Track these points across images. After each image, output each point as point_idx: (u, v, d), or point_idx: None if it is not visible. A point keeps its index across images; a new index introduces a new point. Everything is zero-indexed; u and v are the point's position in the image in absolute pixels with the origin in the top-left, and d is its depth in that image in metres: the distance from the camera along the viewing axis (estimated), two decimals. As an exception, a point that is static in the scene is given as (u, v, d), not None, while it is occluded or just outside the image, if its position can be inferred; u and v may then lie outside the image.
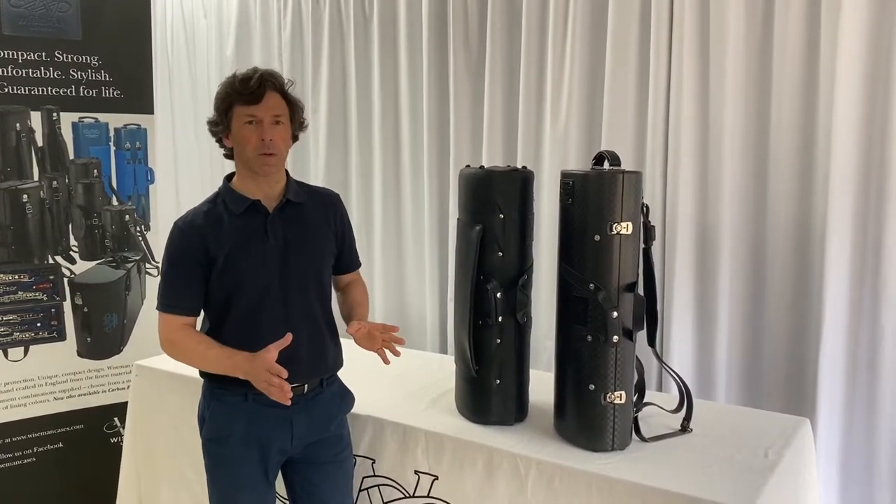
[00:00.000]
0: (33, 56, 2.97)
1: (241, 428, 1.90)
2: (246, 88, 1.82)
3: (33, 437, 3.06)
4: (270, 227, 1.89)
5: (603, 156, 1.96)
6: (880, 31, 2.34)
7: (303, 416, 1.93)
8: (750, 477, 1.75)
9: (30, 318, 3.02)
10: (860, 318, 2.45)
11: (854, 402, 2.48)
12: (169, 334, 1.91)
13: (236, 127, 1.85)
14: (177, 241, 1.88)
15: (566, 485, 1.82)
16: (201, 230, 1.86)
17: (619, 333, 1.87)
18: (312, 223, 1.97)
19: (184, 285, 1.89)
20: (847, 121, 2.38)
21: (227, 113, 1.85)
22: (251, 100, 1.82)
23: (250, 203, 1.89)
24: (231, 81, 1.86)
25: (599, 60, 2.88)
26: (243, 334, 1.87)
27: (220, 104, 1.86)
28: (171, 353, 1.94)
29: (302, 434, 1.95)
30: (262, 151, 1.83)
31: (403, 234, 3.56)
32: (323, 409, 1.99)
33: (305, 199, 1.98)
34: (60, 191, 3.06)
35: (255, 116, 1.83)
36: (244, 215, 1.89)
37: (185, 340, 1.90)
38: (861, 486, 2.49)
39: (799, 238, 2.56)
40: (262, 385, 1.73)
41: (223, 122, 1.87)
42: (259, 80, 1.83)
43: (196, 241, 1.86)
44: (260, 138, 1.83)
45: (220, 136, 1.91)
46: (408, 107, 3.46)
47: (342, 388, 2.09)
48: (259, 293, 1.88)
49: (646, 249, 2.00)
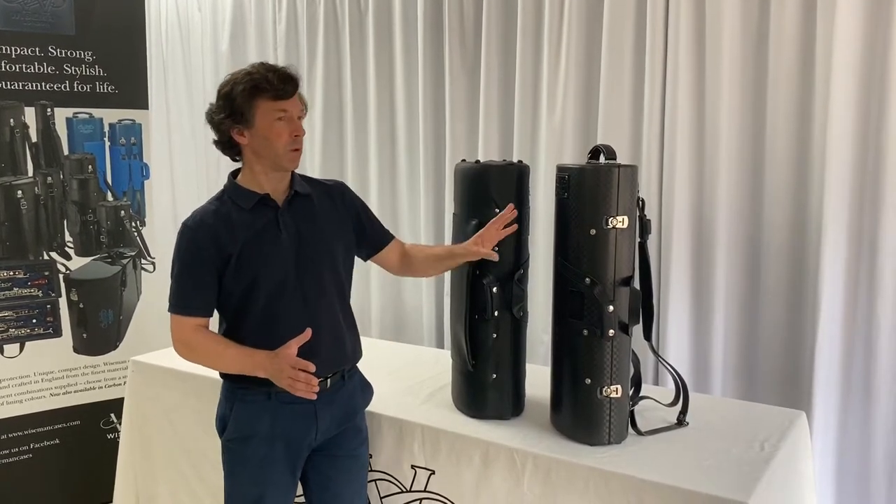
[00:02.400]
0: (27, 51, 2.95)
1: (265, 427, 1.87)
2: (282, 83, 1.80)
3: (30, 434, 3.06)
4: (282, 220, 1.87)
5: (599, 150, 1.96)
6: (877, 21, 2.35)
7: (326, 411, 1.91)
8: (746, 470, 1.76)
9: (25, 314, 3.01)
10: (856, 311, 2.46)
11: (850, 395, 2.48)
12: (183, 336, 1.86)
13: (264, 122, 1.80)
14: (188, 241, 1.84)
15: (562, 478, 1.83)
16: (213, 228, 1.83)
17: (615, 327, 1.87)
18: (322, 213, 1.95)
19: (197, 285, 1.85)
20: (843, 114, 2.38)
21: (252, 107, 1.80)
22: (284, 94, 1.81)
23: (259, 197, 1.87)
24: (260, 76, 1.80)
25: (595, 54, 2.87)
26: (262, 331, 1.85)
27: (246, 98, 1.79)
28: (186, 356, 1.89)
29: (326, 428, 1.93)
30: (294, 147, 1.84)
31: (400, 228, 3.56)
32: (346, 402, 1.97)
33: (311, 190, 1.97)
34: (55, 186, 3.05)
35: (287, 112, 1.82)
36: (254, 210, 1.86)
37: (203, 342, 1.86)
38: (856, 478, 2.50)
39: (795, 232, 2.57)
40: (287, 382, 1.71)
41: (246, 116, 1.80)
42: (290, 76, 1.83)
43: (208, 239, 1.82)
44: (292, 134, 1.83)
45: (232, 129, 1.83)
46: (404, 101, 3.46)
47: (363, 380, 2.07)
48: (276, 287, 1.85)
49: (642, 243, 2.00)
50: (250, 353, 1.80)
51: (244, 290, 1.85)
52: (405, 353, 2.81)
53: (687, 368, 2.69)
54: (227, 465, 1.94)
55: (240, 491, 1.93)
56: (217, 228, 1.83)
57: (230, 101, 1.80)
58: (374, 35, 3.49)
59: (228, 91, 1.81)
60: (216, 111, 1.83)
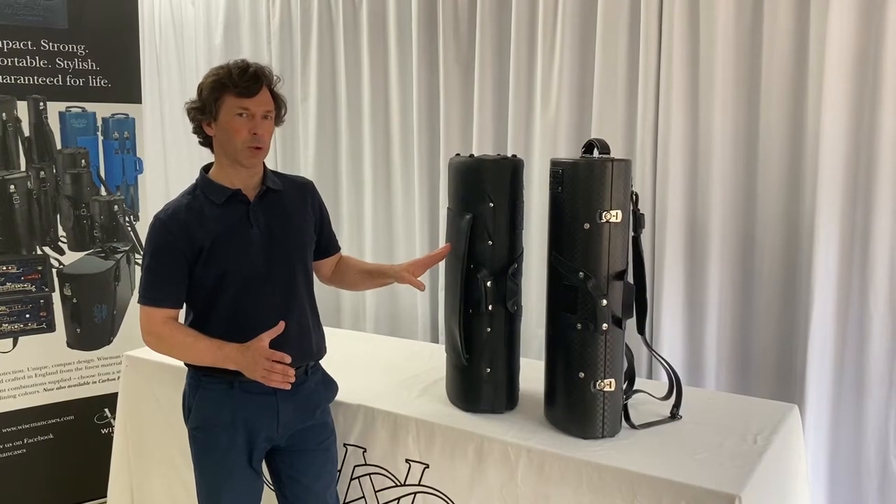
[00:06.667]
0: (19, 45, 2.94)
1: (227, 416, 1.91)
2: (242, 81, 1.83)
3: (24, 429, 3.06)
4: (253, 215, 1.91)
5: (593, 144, 1.96)
6: (869, 20, 2.35)
7: (288, 404, 1.94)
8: (738, 463, 1.77)
9: (18, 309, 3.01)
10: (848, 305, 2.47)
11: (842, 388, 2.50)
12: (153, 328, 1.89)
13: (226, 117, 1.85)
14: (159, 234, 1.87)
15: (556, 472, 1.83)
16: (185, 222, 1.86)
17: (609, 321, 1.88)
18: (292, 209, 1.99)
19: (168, 278, 1.88)
20: (836, 112, 2.39)
21: (217, 102, 1.85)
22: (246, 93, 1.83)
23: (231, 193, 1.90)
24: (226, 72, 1.85)
25: (589, 49, 2.87)
26: (231, 324, 1.88)
27: (211, 92, 1.85)
28: (155, 347, 1.92)
29: (287, 421, 1.96)
30: (252, 144, 1.85)
31: (394, 223, 3.56)
32: (308, 397, 2.00)
33: (282, 186, 2.00)
34: (48, 181, 3.04)
35: (248, 109, 1.84)
36: (225, 205, 1.89)
37: (172, 334, 1.88)
38: (848, 470, 2.51)
39: (788, 226, 2.58)
40: (260, 373, 1.75)
41: (210, 110, 1.86)
42: (255, 75, 1.85)
43: (180, 233, 1.85)
44: (251, 131, 1.85)
45: (201, 122, 1.90)
46: (398, 96, 3.45)
47: (326, 376, 2.10)
48: (245, 281, 1.89)
49: (635, 237, 2.00)
50: (220, 345, 1.83)
51: (214, 283, 1.88)
52: (400, 348, 2.81)
53: (680, 362, 2.70)
54: (193, 453, 1.98)
55: (205, 479, 1.97)
56: (189, 222, 1.86)
57: (199, 93, 1.88)
58: (367, 28, 3.48)
59: (201, 83, 1.89)
60: (191, 101, 1.92)
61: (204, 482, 1.98)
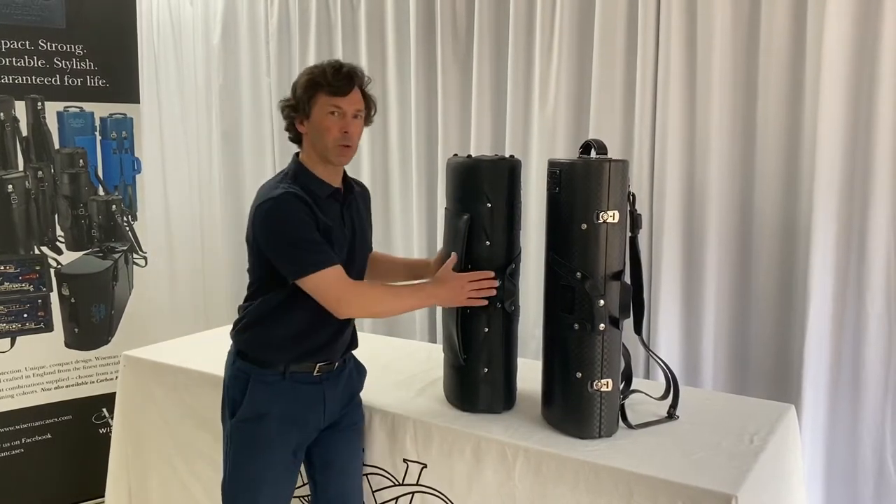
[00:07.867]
0: (17, 44, 2.94)
1: (280, 406, 1.93)
2: (336, 80, 1.86)
3: (21, 429, 3.06)
4: (346, 214, 1.97)
5: (590, 144, 1.96)
6: (866, 19, 2.36)
7: (333, 392, 2.00)
8: (735, 463, 1.77)
9: (16, 308, 3.01)
10: (845, 306, 2.47)
11: (839, 389, 2.50)
12: (346, 287, 1.86)
13: (318, 115, 1.88)
14: (297, 207, 1.83)
15: (553, 472, 1.84)
16: (309, 203, 1.86)
17: (606, 321, 1.88)
18: (364, 213, 2.09)
19: (322, 241, 1.85)
20: (832, 113, 2.39)
21: (310, 100, 1.88)
22: (339, 92, 1.87)
23: (333, 190, 1.95)
24: (320, 71, 1.88)
25: (587, 50, 2.88)
26: (315, 314, 1.89)
27: (305, 90, 1.88)
28: (357, 306, 1.92)
29: (332, 410, 2.01)
30: (342, 143, 1.89)
31: (392, 223, 3.56)
32: (348, 384, 2.07)
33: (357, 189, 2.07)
34: (46, 181, 3.04)
35: (340, 108, 1.87)
36: (326, 201, 1.92)
37: (371, 286, 2.02)
38: (845, 470, 2.52)
39: (785, 227, 2.58)
40: (467, 294, 1.93)
41: (304, 107, 1.89)
42: (348, 74, 1.88)
43: (310, 210, 1.85)
44: (342, 130, 1.88)
45: (294, 119, 1.93)
46: (396, 96, 3.45)
47: (357, 361, 2.15)
48: None
49: (632, 238, 2.00)
50: (419, 286, 2.03)
51: None
52: (397, 348, 2.82)
53: (677, 362, 2.70)
54: (236, 444, 1.96)
55: (246, 472, 1.95)
56: (310, 205, 1.87)
57: (294, 91, 1.92)
58: (366, 28, 3.49)
59: (296, 82, 1.93)
60: (285, 99, 1.95)
61: (243, 475, 1.95)
